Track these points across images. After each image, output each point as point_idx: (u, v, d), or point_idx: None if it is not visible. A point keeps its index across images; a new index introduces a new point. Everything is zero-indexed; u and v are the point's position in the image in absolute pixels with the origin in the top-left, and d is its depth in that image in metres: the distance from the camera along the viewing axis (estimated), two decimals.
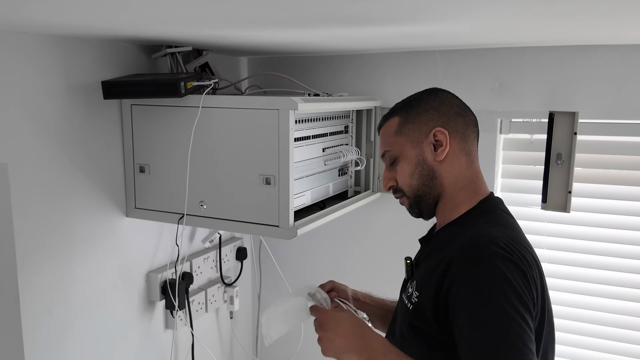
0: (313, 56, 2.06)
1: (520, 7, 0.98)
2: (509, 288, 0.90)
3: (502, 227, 1.05)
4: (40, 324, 1.44)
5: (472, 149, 1.13)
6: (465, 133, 1.11)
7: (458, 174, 1.10)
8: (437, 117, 1.10)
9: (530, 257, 0.99)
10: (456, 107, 1.12)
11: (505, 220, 1.09)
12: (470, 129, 1.12)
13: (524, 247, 1.00)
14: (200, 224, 1.58)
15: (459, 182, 1.10)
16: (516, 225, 1.11)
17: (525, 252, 0.98)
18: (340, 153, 1.75)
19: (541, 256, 1.84)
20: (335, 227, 2.06)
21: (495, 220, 1.06)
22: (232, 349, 2.26)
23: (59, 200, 1.46)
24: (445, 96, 1.13)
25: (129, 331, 1.72)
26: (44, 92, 1.39)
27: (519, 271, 0.93)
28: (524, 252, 0.98)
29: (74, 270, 1.52)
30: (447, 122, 1.09)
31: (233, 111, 1.47)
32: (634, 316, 1.80)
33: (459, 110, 1.12)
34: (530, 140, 1.84)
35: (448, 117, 1.10)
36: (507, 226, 1.06)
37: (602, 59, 1.68)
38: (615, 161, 1.76)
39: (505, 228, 1.04)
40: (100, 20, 1.12)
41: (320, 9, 0.94)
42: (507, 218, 1.10)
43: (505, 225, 1.06)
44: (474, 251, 0.96)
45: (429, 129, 1.09)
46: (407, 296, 1.11)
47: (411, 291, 1.10)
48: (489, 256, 0.93)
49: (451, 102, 1.12)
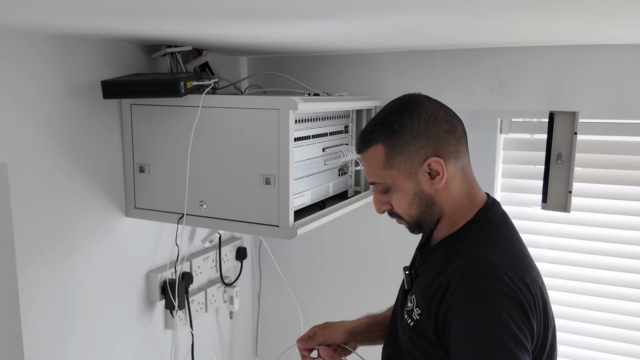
0: (313, 56, 2.06)
1: (520, 7, 0.98)
2: (504, 328, 0.90)
3: (501, 247, 1.03)
4: (40, 324, 1.44)
5: (465, 162, 1.08)
6: (457, 150, 1.05)
7: (455, 194, 1.07)
8: (428, 144, 1.02)
9: (531, 281, 0.96)
10: (443, 123, 1.03)
11: (503, 235, 1.06)
12: (461, 143, 1.06)
13: (525, 270, 0.98)
14: (200, 223, 1.58)
15: (456, 201, 1.07)
16: (515, 238, 1.07)
17: (527, 277, 0.96)
18: (340, 153, 1.75)
19: (541, 256, 1.87)
20: (335, 227, 2.06)
21: (493, 238, 1.04)
22: (232, 349, 2.26)
23: (58, 200, 1.46)
24: (428, 111, 1.03)
25: (128, 331, 1.72)
26: (44, 92, 1.39)
27: (518, 308, 0.92)
28: (525, 279, 0.95)
29: (74, 270, 1.52)
30: (439, 147, 1.02)
31: (233, 111, 1.47)
32: (634, 316, 1.80)
33: (447, 126, 1.03)
34: (530, 140, 1.84)
35: (438, 140, 1.03)
36: (506, 244, 1.04)
37: (602, 59, 1.68)
38: (616, 161, 1.76)
39: (504, 248, 1.02)
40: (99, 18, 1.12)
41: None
42: (505, 231, 1.07)
43: (504, 244, 1.04)
44: (472, 283, 0.95)
45: (421, 158, 1.03)
46: (407, 311, 1.10)
47: (411, 306, 1.08)
48: (488, 292, 0.93)
49: (437, 118, 1.03)
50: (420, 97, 1.07)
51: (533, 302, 0.94)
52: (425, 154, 1.02)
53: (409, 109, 1.04)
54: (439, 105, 1.07)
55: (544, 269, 1.87)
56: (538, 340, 0.96)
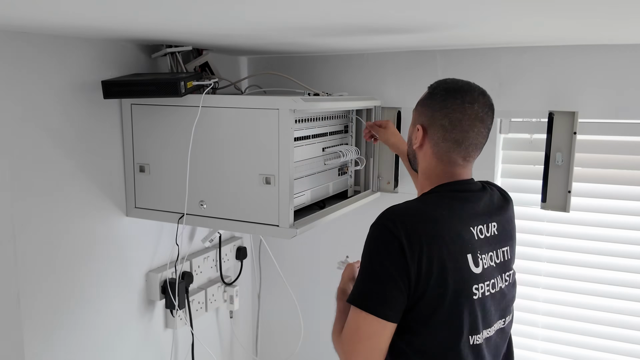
0: (313, 56, 2.06)
1: (520, 7, 0.98)
2: (372, 250, 1.11)
3: (413, 202, 1.18)
4: (40, 324, 1.44)
5: (445, 158, 1.18)
6: (438, 144, 1.17)
7: (427, 168, 1.22)
8: (427, 118, 1.19)
9: (421, 229, 1.08)
10: (447, 120, 1.15)
11: (430, 200, 1.18)
12: (446, 144, 1.16)
13: (422, 220, 1.10)
14: (200, 223, 1.59)
15: (426, 172, 1.22)
16: (435, 202, 1.17)
17: (418, 223, 1.09)
18: (340, 153, 1.75)
19: (540, 256, 1.87)
20: (335, 226, 2.06)
21: (419, 199, 1.20)
22: (232, 348, 2.26)
23: (59, 199, 1.46)
24: (457, 107, 1.15)
25: (128, 330, 1.72)
26: (44, 92, 1.39)
27: (389, 236, 1.08)
28: (413, 222, 1.09)
29: (74, 269, 1.52)
30: (430, 127, 1.18)
31: (233, 111, 1.47)
32: (633, 316, 1.80)
33: (447, 124, 1.15)
34: (530, 139, 1.84)
35: (434, 123, 1.18)
36: (424, 202, 1.18)
37: (601, 59, 1.68)
38: (615, 161, 1.76)
39: (417, 203, 1.18)
40: (99, 17, 1.12)
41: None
42: (434, 199, 1.17)
43: (423, 202, 1.18)
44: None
45: (419, 121, 1.22)
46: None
47: None
48: (374, 224, 1.12)
49: (449, 114, 1.15)
50: (475, 100, 1.15)
51: (408, 243, 1.06)
52: (421, 121, 1.21)
53: (455, 93, 1.17)
54: (473, 117, 1.15)
55: (543, 269, 1.88)
56: (419, 280, 1.06)
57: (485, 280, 1.13)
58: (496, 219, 1.20)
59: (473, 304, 1.10)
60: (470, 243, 1.12)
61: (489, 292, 1.13)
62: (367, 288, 1.09)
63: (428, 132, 1.18)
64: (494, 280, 1.15)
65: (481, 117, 1.15)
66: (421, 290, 1.06)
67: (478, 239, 1.14)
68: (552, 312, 1.90)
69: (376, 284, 1.08)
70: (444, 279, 1.07)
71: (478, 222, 1.16)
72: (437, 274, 1.06)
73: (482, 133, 1.16)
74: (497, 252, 1.19)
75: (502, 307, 1.19)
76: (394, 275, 1.06)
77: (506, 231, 1.23)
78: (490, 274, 1.15)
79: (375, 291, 1.08)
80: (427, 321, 1.08)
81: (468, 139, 1.15)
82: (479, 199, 1.19)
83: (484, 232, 1.17)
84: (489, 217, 1.19)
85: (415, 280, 1.06)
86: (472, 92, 1.16)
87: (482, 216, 1.18)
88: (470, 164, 1.21)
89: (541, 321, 1.92)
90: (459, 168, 1.19)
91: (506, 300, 1.20)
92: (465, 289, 1.09)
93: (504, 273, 1.20)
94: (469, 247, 1.11)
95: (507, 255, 1.22)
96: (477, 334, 1.12)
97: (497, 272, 1.17)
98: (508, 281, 1.21)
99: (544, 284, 1.89)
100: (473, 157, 1.19)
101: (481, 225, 1.16)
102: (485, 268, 1.13)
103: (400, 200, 1.47)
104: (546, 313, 1.91)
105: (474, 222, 1.15)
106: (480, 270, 1.12)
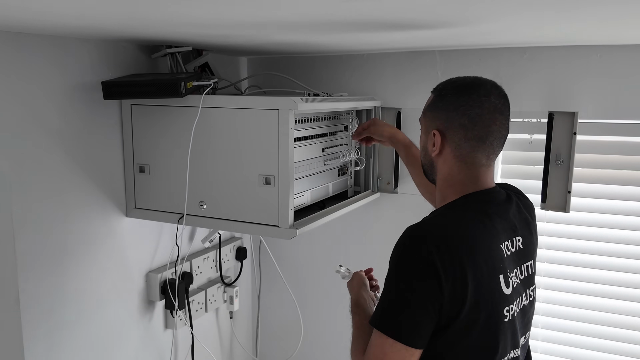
0: (313, 56, 2.06)
1: (521, 7, 0.98)
2: (400, 271, 1.04)
3: (442, 218, 1.11)
4: (40, 324, 1.44)
5: (469, 159, 1.12)
6: (460, 145, 1.11)
7: (448, 174, 1.15)
8: (442, 121, 1.13)
9: (455, 251, 1.01)
10: (466, 118, 1.10)
11: (460, 214, 1.11)
12: (470, 143, 1.11)
13: (456, 239, 1.03)
14: (200, 223, 1.59)
15: (448, 180, 1.15)
16: (467, 217, 1.09)
17: (452, 243, 1.02)
18: (340, 153, 1.75)
19: (540, 256, 1.87)
20: (335, 227, 2.06)
21: (446, 213, 1.13)
22: (232, 348, 2.26)
23: (59, 200, 1.46)
24: (472, 103, 1.10)
25: (128, 331, 1.72)
26: (44, 92, 1.39)
27: (420, 258, 1.01)
28: (447, 243, 1.02)
29: (74, 270, 1.52)
30: (448, 129, 1.12)
31: (233, 111, 1.47)
32: (633, 316, 1.80)
33: (467, 122, 1.10)
34: (529, 140, 1.84)
35: (452, 124, 1.12)
36: (454, 218, 1.10)
37: (602, 59, 1.68)
38: (615, 161, 1.76)
39: (446, 219, 1.10)
40: (99, 18, 1.12)
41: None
42: (463, 213, 1.10)
43: (453, 217, 1.10)
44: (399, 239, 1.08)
45: (433, 126, 1.15)
46: None
47: None
48: (401, 243, 1.06)
49: (466, 111, 1.10)
50: (490, 92, 1.11)
51: (442, 266, 0.99)
52: (435, 126, 1.14)
53: (467, 89, 1.12)
54: (492, 109, 1.10)
55: (543, 269, 1.88)
56: (452, 305, 1.00)
57: (514, 301, 1.09)
58: (521, 233, 1.16)
59: (504, 327, 1.06)
60: (502, 262, 1.07)
61: (517, 313, 1.10)
62: (395, 313, 1.03)
63: (447, 135, 1.12)
64: (520, 298, 1.12)
65: (500, 108, 1.11)
66: (454, 315, 1.01)
67: (507, 256, 1.10)
68: (551, 312, 1.90)
69: (405, 310, 1.02)
70: (477, 303, 1.01)
71: (505, 238, 1.11)
72: (471, 298, 1.00)
73: (504, 125, 1.12)
74: (522, 268, 1.15)
75: (525, 322, 1.15)
76: (425, 301, 1.00)
77: (530, 244, 1.19)
78: (518, 292, 1.11)
79: (404, 317, 1.01)
80: (457, 346, 1.04)
81: (492, 134, 1.10)
82: (507, 212, 1.15)
83: (510, 248, 1.12)
84: (514, 231, 1.14)
85: (449, 306, 1.00)
86: (485, 85, 1.12)
87: (509, 231, 1.13)
88: (493, 165, 1.15)
89: (541, 321, 1.92)
90: (483, 170, 1.13)
91: (528, 316, 1.17)
92: (497, 313, 1.05)
93: (528, 289, 1.16)
94: (500, 267, 1.06)
95: (531, 270, 1.18)
96: (505, 356, 1.08)
97: (523, 289, 1.13)
98: (533, 296, 1.18)
99: (543, 284, 1.89)
100: (496, 154, 1.14)
101: (507, 240, 1.12)
102: (514, 288, 1.09)
103: (400, 200, 1.47)
104: (546, 313, 1.91)
105: (502, 239, 1.11)
106: (510, 291, 1.07)
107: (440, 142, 1.13)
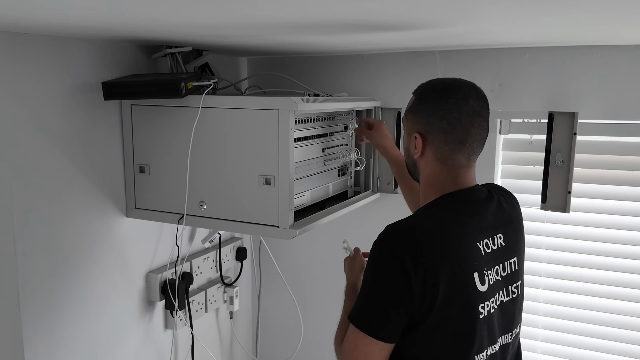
0: (313, 56, 2.06)
1: (521, 7, 0.98)
2: (373, 268, 1.08)
3: (418, 217, 1.15)
4: (41, 324, 1.44)
5: (450, 160, 1.14)
6: (441, 148, 1.13)
7: (430, 175, 1.17)
8: (423, 124, 1.15)
9: (426, 251, 1.04)
10: (445, 122, 1.11)
11: (436, 212, 1.13)
12: (449, 146, 1.12)
13: (427, 240, 1.05)
14: (200, 224, 1.59)
15: (429, 180, 1.18)
16: (442, 216, 1.12)
17: (423, 244, 1.04)
18: (340, 153, 1.75)
19: (540, 256, 1.87)
20: (335, 227, 2.06)
21: (423, 213, 1.16)
22: (232, 349, 2.26)
23: (59, 200, 1.46)
24: (450, 106, 1.11)
25: (128, 331, 1.72)
26: (45, 93, 1.39)
27: (391, 258, 1.05)
28: (417, 243, 1.04)
29: (74, 270, 1.52)
30: (429, 133, 1.14)
31: (233, 111, 1.47)
32: (633, 316, 1.80)
33: (446, 126, 1.11)
34: (529, 140, 1.84)
35: (432, 128, 1.14)
36: (428, 217, 1.13)
37: (602, 59, 1.68)
38: (615, 161, 1.76)
39: (421, 219, 1.14)
40: (100, 19, 1.12)
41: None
42: (439, 212, 1.13)
43: (427, 217, 1.13)
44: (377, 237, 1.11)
45: (414, 129, 1.17)
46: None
47: None
48: (376, 243, 1.09)
49: (445, 115, 1.11)
50: (468, 95, 1.12)
51: (413, 266, 1.02)
52: (416, 129, 1.17)
53: (446, 92, 1.13)
54: (470, 112, 1.11)
55: (543, 269, 1.88)
56: (423, 302, 1.03)
57: (490, 298, 1.09)
58: (502, 230, 1.16)
59: (479, 324, 1.07)
60: (477, 260, 1.08)
61: (494, 309, 1.10)
62: (367, 309, 1.07)
63: (428, 138, 1.14)
64: (497, 295, 1.12)
65: (478, 110, 1.12)
66: (425, 311, 1.03)
67: (485, 254, 1.10)
68: (552, 313, 1.90)
69: (376, 306, 1.06)
70: (449, 300, 1.03)
71: (484, 236, 1.12)
72: (443, 295, 1.02)
73: (483, 127, 1.13)
74: (504, 265, 1.15)
75: (507, 320, 1.16)
76: (396, 299, 1.04)
77: (513, 241, 1.19)
78: (495, 289, 1.11)
79: (375, 313, 1.06)
80: (431, 341, 1.06)
81: (471, 136, 1.11)
82: (486, 210, 1.15)
83: (490, 245, 1.13)
84: (494, 229, 1.15)
85: (420, 303, 1.02)
86: (463, 88, 1.13)
87: (488, 229, 1.14)
88: (474, 164, 1.17)
89: (541, 321, 1.92)
90: (463, 171, 1.15)
91: (511, 313, 1.17)
92: (472, 309, 1.06)
93: (510, 285, 1.16)
94: (475, 264, 1.07)
95: (515, 267, 1.18)
96: (481, 352, 1.09)
97: (502, 286, 1.13)
98: (516, 293, 1.18)
99: (544, 285, 1.89)
100: (476, 155, 1.16)
101: (487, 238, 1.12)
102: (491, 285, 1.10)
103: (400, 201, 1.47)
104: (546, 313, 1.91)
105: (480, 237, 1.11)
106: (486, 288, 1.08)
107: (421, 145, 1.16)
